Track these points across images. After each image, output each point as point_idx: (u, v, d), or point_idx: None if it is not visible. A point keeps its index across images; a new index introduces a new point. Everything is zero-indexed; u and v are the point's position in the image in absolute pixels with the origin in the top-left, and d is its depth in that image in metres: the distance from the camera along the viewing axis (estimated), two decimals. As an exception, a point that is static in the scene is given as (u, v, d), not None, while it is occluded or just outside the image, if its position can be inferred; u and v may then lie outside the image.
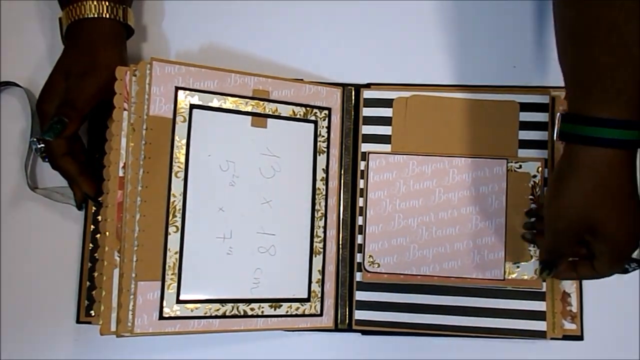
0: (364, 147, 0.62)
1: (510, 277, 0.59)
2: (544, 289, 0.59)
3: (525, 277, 0.59)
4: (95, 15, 0.58)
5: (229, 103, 0.59)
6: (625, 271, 0.57)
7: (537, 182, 0.60)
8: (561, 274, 0.56)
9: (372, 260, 0.60)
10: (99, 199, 0.58)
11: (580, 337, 0.60)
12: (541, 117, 0.62)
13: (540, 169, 0.60)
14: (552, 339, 0.59)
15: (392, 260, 0.60)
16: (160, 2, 0.65)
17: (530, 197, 0.60)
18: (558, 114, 0.51)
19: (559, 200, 0.51)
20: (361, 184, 0.62)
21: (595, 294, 0.61)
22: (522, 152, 0.61)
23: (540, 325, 0.59)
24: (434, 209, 0.61)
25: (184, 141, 0.57)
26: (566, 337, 0.60)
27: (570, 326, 0.60)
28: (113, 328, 0.55)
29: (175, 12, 0.65)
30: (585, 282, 0.61)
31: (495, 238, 0.60)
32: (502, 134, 0.62)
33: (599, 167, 0.48)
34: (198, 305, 0.56)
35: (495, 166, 0.61)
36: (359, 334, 0.61)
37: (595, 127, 0.48)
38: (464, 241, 0.60)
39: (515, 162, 0.61)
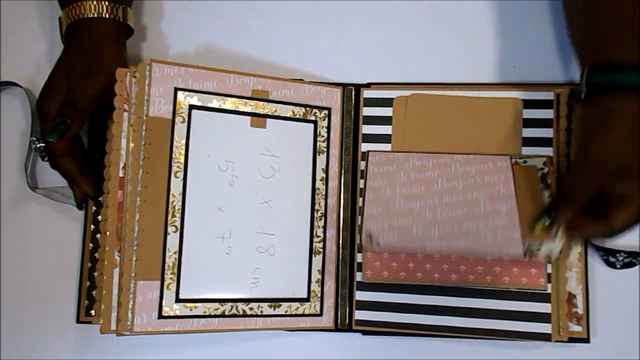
0: (364, 146, 0.62)
1: (533, 255, 0.55)
2: (549, 291, 0.58)
3: (553, 254, 0.54)
4: (95, 15, 0.58)
5: (228, 103, 0.59)
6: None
7: (546, 172, 0.58)
8: (575, 230, 0.52)
9: (370, 239, 0.58)
10: (99, 198, 0.59)
11: (586, 340, 0.59)
12: (545, 114, 0.61)
13: (546, 163, 0.59)
14: (557, 341, 0.58)
15: (392, 239, 0.58)
16: (160, 2, 0.65)
17: (541, 185, 0.58)
18: (586, 67, 0.52)
19: (593, 145, 0.51)
20: (361, 183, 0.62)
21: (603, 296, 0.60)
22: (526, 150, 0.60)
23: (545, 328, 0.58)
24: (438, 193, 0.59)
25: (184, 141, 0.57)
26: (572, 340, 0.59)
27: (575, 328, 0.59)
28: (113, 327, 0.55)
29: (175, 12, 0.65)
30: (592, 282, 0.60)
31: (508, 219, 0.56)
32: (505, 131, 0.61)
33: (635, 111, 0.50)
34: (197, 304, 0.56)
35: (499, 161, 0.59)
36: (359, 334, 0.61)
37: (627, 72, 0.50)
38: (474, 221, 0.57)
39: (520, 159, 0.60)
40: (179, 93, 0.57)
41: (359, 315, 0.60)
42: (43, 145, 0.58)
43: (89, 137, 0.62)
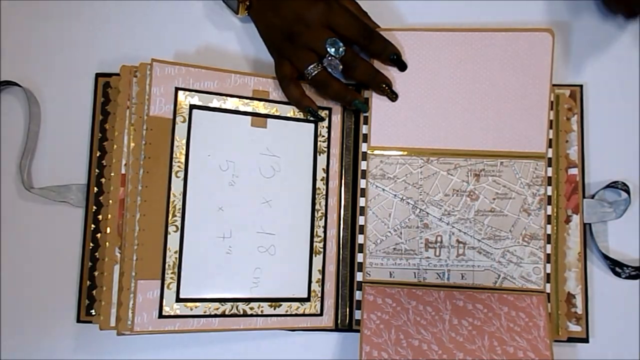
0: (365, 146, 0.62)
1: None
2: (548, 290, 0.58)
3: None
4: None
5: (229, 103, 0.59)
6: None
7: None
8: None
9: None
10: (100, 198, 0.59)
11: (585, 340, 0.59)
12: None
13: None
14: (556, 341, 0.58)
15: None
16: (159, 2, 0.65)
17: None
18: None
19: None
20: (362, 183, 0.62)
21: (602, 296, 0.60)
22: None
23: (544, 327, 0.58)
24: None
25: (184, 141, 0.57)
26: (571, 340, 0.59)
27: (575, 328, 0.59)
28: (112, 323, 0.56)
29: (175, 12, 0.65)
30: (591, 283, 0.60)
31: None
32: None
33: None
34: (197, 304, 0.56)
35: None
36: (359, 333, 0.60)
37: None
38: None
39: None
40: (180, 93, 0.57)
41: (359, 315, 0.60)
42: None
43: (92, 135, 0.62)
